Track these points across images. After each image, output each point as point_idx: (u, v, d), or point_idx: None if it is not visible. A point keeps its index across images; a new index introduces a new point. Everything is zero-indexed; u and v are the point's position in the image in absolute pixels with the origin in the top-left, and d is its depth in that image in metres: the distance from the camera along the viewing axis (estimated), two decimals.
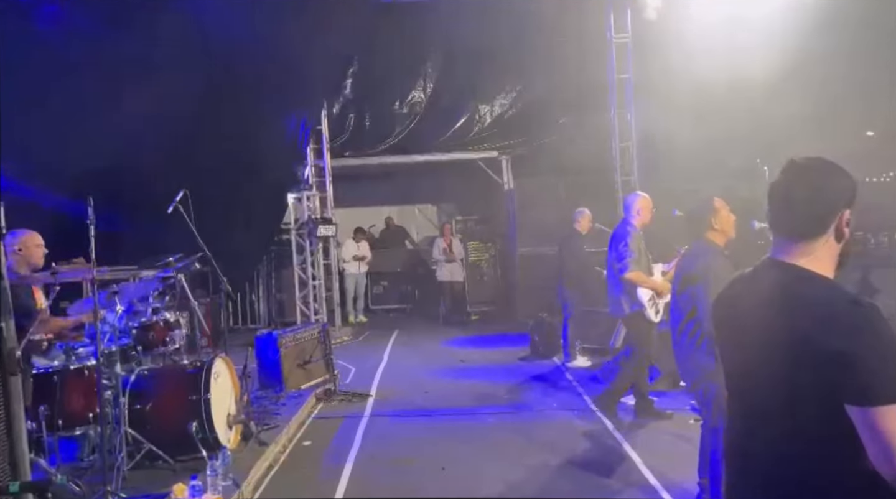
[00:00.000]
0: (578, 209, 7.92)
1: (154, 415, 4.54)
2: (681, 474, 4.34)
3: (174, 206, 5.25)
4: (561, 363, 7.82)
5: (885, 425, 1.45)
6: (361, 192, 13.04)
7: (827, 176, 1.68)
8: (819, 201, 1.66)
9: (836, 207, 1.66)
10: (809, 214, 1.67)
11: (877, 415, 1.46)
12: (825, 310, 1.56)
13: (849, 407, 1.49)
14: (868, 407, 1.47)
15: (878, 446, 1.46)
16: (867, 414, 1.47)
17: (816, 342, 1.52)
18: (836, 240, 1.67)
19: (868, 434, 1.47)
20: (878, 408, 1.46)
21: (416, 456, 5.08)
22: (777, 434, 1.64)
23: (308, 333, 7.05)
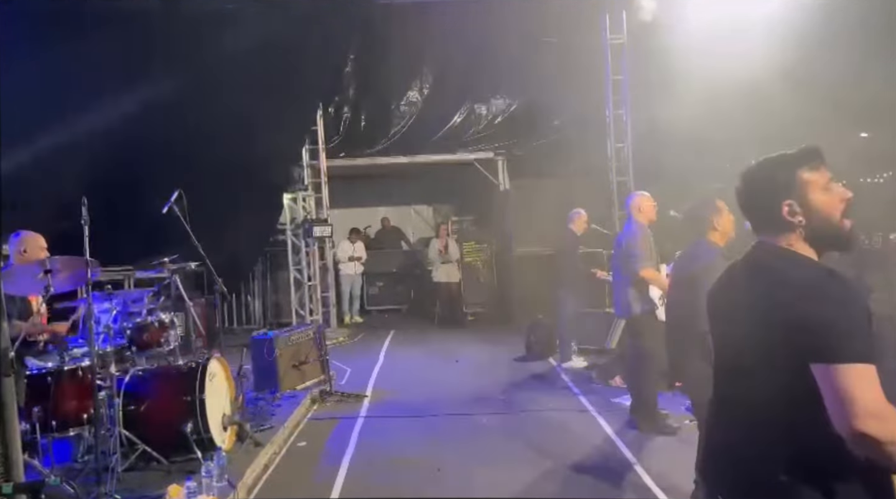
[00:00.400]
0: (574, 210, 7.93)
1: (149, 416, 4.52)
2: (677, 475, 4.35)
3: (169, 206, 5.22)
4: (557, 364, 7.82)
5: (843, 382, 1.51)
6: (357, 192, 13.03)
7: (764, 174, 1.80)
8: (757, 203, 1.81)
9: (775, 201, 1.75)
10: (759, 214, 1.82)
11: (837, 372, 1.52)
12: (800, 279, 1.65)
13: (813, 366, 1.55)
14: (829, 364, 1.53)
15: (835, 403, 1.51)
16: (828, 371, 1.53)
17: (790, 308, 1.60)
18: (790, 230, 1.75)
19: (828, 392, 1.53)
20: (839, 365, 1.52)
21: (411, 457, 5.08)
22: (753, 402, 1.70)
23: (303, 334, 7.04)
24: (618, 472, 4.59)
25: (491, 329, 10.59)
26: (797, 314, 1.58)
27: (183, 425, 4.44)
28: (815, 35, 8.34)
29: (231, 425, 4.91)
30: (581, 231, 7.82)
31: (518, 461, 4.85)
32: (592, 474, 4.58)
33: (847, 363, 1.52)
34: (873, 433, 1.47)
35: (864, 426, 1.48)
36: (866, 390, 1.50)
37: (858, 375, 1.51)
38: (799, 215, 1.73)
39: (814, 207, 1.73)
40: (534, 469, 4.67)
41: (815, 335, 1.56)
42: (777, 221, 1.76)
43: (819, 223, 1.73)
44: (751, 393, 1.71)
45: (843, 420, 1.50)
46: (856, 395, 1.50)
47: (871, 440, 1.48)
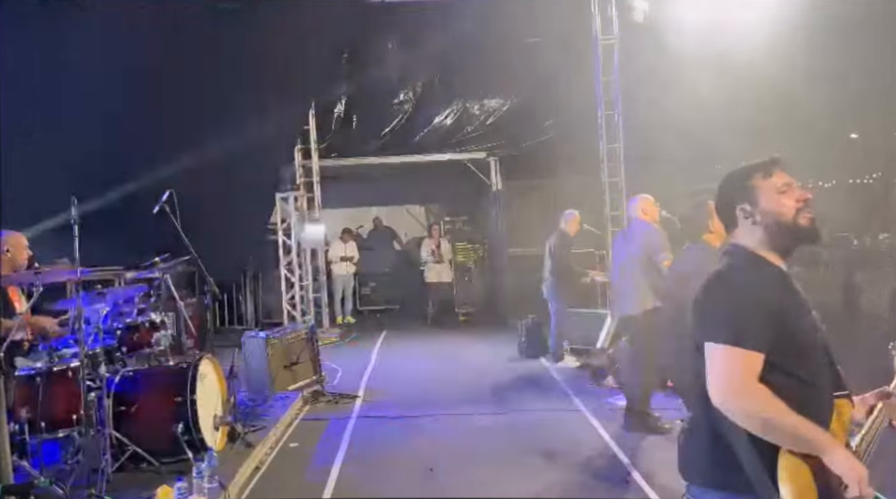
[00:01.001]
0: (568, 211, 7.94)
1: (139, 417, 4.49)
2: (668, 475, 4.36)
3: (160, 206, 5.19)
4: (548, 364, 7.83)
5: (720, 361, 1.76)
6: (349, 192, 13.01)
7: (725, 183, 2.02)
8: (723, 205, 2.03)
9: (728, 204, 1.98)
10: (723, 218, 2.04)
11: (717, 352, 1.77)
12: (712, 275, 1.90)
13: (705, 344, 1.80)
14: (710, 343, 1.79)
15: (712, 378, 1.76)
16: (711, 350, 1.78)
17: (700, 292, 1.89)
18: (747, 231, 1.95)
19: (709, 369, 1.78)
20: (712, 345, 1.77)
21: (403, 457, 5.07)
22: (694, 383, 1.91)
23: (295, 335, 7.01)
24: (610, 472, 4.60)
25: (483, 329, 10.60)
26: (700, 298, 1.87)
27: (173, 426, 4.41)
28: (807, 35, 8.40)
29: (222, 425, 4.88)
30: (574, 232, 7.84)
31: (510, 461, 4.85)
32: (585, 474, 4.59)
33: (724, 345, 1.75)
34: (738, 408, 1.72)
35: (728, 401, 1.73)
36: (737, 369, 1.73)
37: (732, 356, 1.74)
38: (752, 217, 1.93)
39: (766, 210, 1.92)
40: (526, 469, 4.68)
41: (703, 317, 1.85)
42: (735, 224, 1.98)
43: (773, 222, 1.91)
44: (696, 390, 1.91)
45: (714, 394, 1.75)
46: (725, 373, 1.74)
47: (734, 414, 1.72)
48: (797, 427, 1.69)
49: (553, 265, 7.79)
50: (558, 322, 7.77)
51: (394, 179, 13.25)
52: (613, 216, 9.80)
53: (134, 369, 4.80)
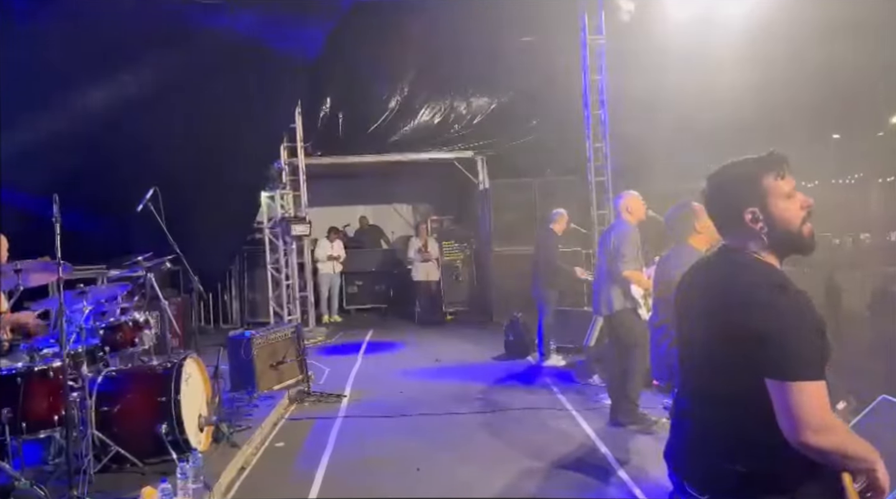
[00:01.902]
0: (555, 210, 7.95)
1: (122, 417, 4.44)
2: (654, 472, 4.39)
3: (144, 204, 5.14)
4: (535, 362, 7.85)
5: (793, 399, 1.64)
6: (336, 191, 12.96)
7: (729, 179, 1.86)
8: (721, 207, 1.88)
9: (738, 207, 1.82)
10: (722, 218, 1.88)
11: (787, 389, 1.65)
12: (750, 290, 1.73)
13: (768, 381, 1.67)
14: (781, 381, 1.65)
15: (785, 417, 1.65)
16: (780, 387, 1.66)
17: (743, 321, 1.69)
18: (752, 237, 1.82)
19: (779, 406, 1.66)
20: (789, 383, 1.64)
21: (390, 457, 5.06)
22: (717, 399, 1.82)
23: (281, 334, 6.97)
24: (597, 470, 4.61)
25: (470, 328, 10.60)
26: (752, 329, 1.67)
27: (157, 426, 4.36)
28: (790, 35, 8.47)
29: (207, 425, 4.84)
30: (561, 231, 7.86)
31: (497, 460, 4.86)
32: (571, 472, 4.60)
33: (796, 381, 1.64)
34: (817, 445, 1.64)
35: (809, 439, 1.63)
36: (813, 406, 1.64)
37: (806, 392, 1.64)
38: (761, 223, 1.80)
39: (775, 216, 1.79)
40: (513, 468, 4.68)
41: (769, 352, 1.66)
42: (739, 227, 1.82)
43: (780, 231, 1.80)
44: (714, 390, 1.82)
45: (791, 432, 1.65)
46: (803, 411, 1.63)
47: (816, 451, 1.65)
48: (862, 452, 1.69)
49: (540, 264, 7.80)
50: (545, 321, 7.78)
51: (381, 178, 13.22)
52: (600, 215, 9.84)
53: (117, 369, 4.75)
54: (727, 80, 8.65)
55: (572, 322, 8.19)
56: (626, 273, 5.23)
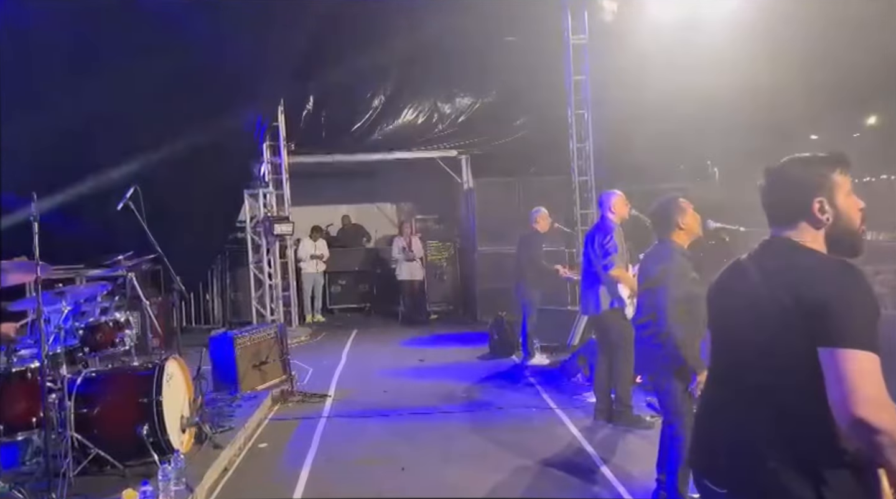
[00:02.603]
0: (536, 208, 7.97)
1: (102, 419, 4.37)
2: (639, 470, 4.41)
3: (124, 203, 5.06)
4: (520, 361, 7.86)
5: (849, 367, 1.55)
6: (319, 190, 12.89)
7: (797, 170, 1.85)
8: (786, 197, 1.85)
9: (804, 195, 1.80)
10: (786, 208, 1.85)
11: (844, 356, 1.56)
12: (814, 267, 1.72)
13: (821, 350, 1.60)
14: (837, 347, 1.58)
15: (838, 387, 1.56)
16: (835, 354, 1.58)
17: (808, 292, 1.65)
18: (814, 227, 1.81)
19: (832, 376, 1.57)
20: (847, 350, 1.56)
21: (374, 457, 5.04)
22: (757, 391, 1.76)
23: (264, 334, 6.92)
24: (581, 468, 4.62)
25: (454, 327, 10.60)
26: (814, 297, 1.63)
27: (138, 427, 4.30)
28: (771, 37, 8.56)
29: (189, 427, 4.79)
30: (544, 229, 7.86)
31: (482, 459, 4.86)
32: (556, 471, 4.60)
33: (855, 349, 1.56)
34: (871, 420, 1.51)
35: (863, 412, 1.52)
36: (869, 377, 1.55)
37: (864, 361, 1.56)
38: (828, 214, 1.79)
39: (840, 209, 1.80)
40: (498, 467, 4.68)
41: (829, 318, 1.60)
42: (804, 217, 1.81)
43: (843, 225, 1.80)
44: (755, 382, 1.77)
45: (843, 404, 1.54)
46: (859, 381, 1.54)
47: (868, 427, 1.52)
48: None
49: (524, 263, 7.81)
50: (529, 320, 7.80)
51: (364, 177, 13.17)
52: (583, 214, 9.89)
53: (97, 370, 4.69)
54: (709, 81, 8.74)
55: (556, 321, 8.21)
56: (614, 272, 5.25)
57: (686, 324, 3.51)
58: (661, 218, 3.77)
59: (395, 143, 11.41)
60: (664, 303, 3.52)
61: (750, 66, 8.67)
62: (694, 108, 9.22)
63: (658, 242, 3.81)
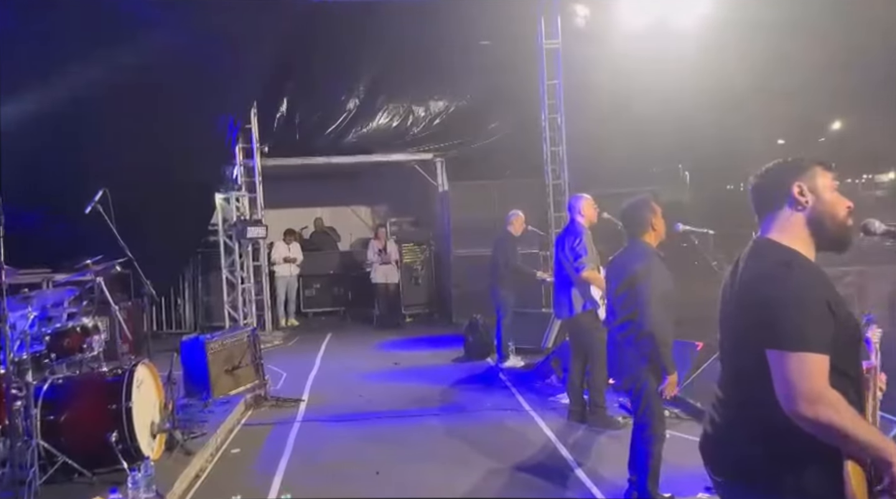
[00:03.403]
0: (511, 211, 8.02)
1: (70, 426, 4.29)
2: (611, 471, 4.46)
3: (92, 206, 4.97)
4: (495, 364, 7.89)
5: (789, 367, 1.68)
6: (293, 192, 12.79)
7: (778, 163, 1.95)
8: (770, 180, 1.94)
9: (785, 179, 1.90)
10: (765, 193, 1.95)
11: (782, 358, 1.69)
12: (761, 267, 1.82)
13: (768, 352, 1.72)
14: (777, 350, 1.70)
15: (780, 387, 1.69)
16: (776, 357, 1.71)
17: (753, 294, 1.79)
18: (795, 209, 1.88)
19: (777, 376, 1.70)
20: (784, 353, 1.69)
21: (349, 461, 5.01)
22: (736, 385, 1.91)
23: (237, 338, 6.84)
24: (555, 470, 4.66)
25: (429, 330, 10.60)
26: (757, 300, 1.77)
27: (107, 434, 4.23)
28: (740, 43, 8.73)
29: (160, 433, 4.72)
30: (519, 232, 7.91)
31: (457, 462, 4.86)
32: (531, 473, 4.63)
33: (791, 351, 1.68)
34: (809, 416, 1.65)
35: (801, 409, 1.66)
36: (808, 375, 1.66)
37: (801, 361, 1.67)
38: (808, 196, 1.86)
39: (821, 196, 1.87)
40: (473, 469, 4.69)
41: (768, 322, 1.72)
42: (785, 201, 1.88)
43: (825, 212, 1.86)
44: (732, 375, 1.92)
45: (785, 402, 1.68)
46: (795, 380, 1.66)
47: (806, 421, 1.66)
48: (868, 435, 1.68)
49: (499, 266, 7.84)
50: (504, 322, 7.84)
51: (339, 180, 13.12)
52: (557, 217, 9.98)
53: (64, 376, 4.60)
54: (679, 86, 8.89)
55: (530, 323, 8.26)
56: (585, 274, 5.30)
57: (663, 323, 3.57)
58: (634, 218, 3.82)
59: (369, 145, 11.38)
60: (644, 301, 3.56)
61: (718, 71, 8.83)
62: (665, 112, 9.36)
63: (630, 242, 3.86)
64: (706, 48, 8.55)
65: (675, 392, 3.80)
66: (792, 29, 8.64)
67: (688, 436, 5.01)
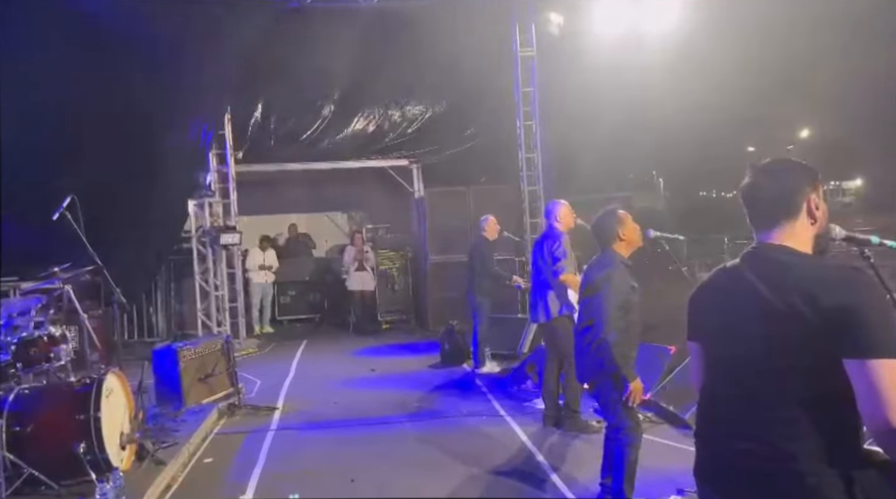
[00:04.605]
0: (483, 216, 8.05)
1: (36, 437, 4.19)
2: (584, 475, 4.49)
3: (60, 212, 4.88)
4: (471, 370, 7.90)
5: (881, 377, 1.53)
6: (268, 199, 12.70)
7: (786, 169, 1.86)
8: (781, 191, 1.83)
9: (801, 189, 1.82)
10: (775, 204, 1.83)
11: (874, 367, 1.54)
12: (825, 272, 1.68)
13: (847, 361, 1.57)
14: (867, 359, 1.55)
15: (869, 398, 1.54)
16: (863, 366, 1.55)
17: (818, 301, 1.61)
18: (811, 221, 1.82)
19: (862, 387, 1.55)
20: (875, 360, 1.54)
21: (324, 469, 4.97)
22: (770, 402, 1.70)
23: (210, 346, 6.76)
24: (531, 475, 4.67)
25: (406, 336, 10.57)
26: (835, 306, 1.59)
27: (75, 445, 4.14)
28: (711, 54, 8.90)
29: (130, 443, 4.64)
30: (493, 237, 7.94)
31: (433, 469, 4.85)
32: (506, 478, 4.64)
33: (883, 358, 1.54)
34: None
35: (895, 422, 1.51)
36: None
37: (893, 369, 1.54)
38: (818, 211, 1.83)
39: (823, 211, 1.85)
40: (449, 476, 4.68)
41: (854, 328, 1.57)
42: (793, 216, 1.80)
43: (823, 225, 1.86)
44: (774, 395, 1.70)
45: (876, 414, 1.53)
46: (891, 391, 1.53)
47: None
48: None
49: (475, 271, 7.86)
50: (480, 328, 7.85)
51: (314, 186, 13.06)
52: (533, 223, 10.04)
53: (30, 386, 4.49)
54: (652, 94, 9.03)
55: (506, 329, 8.29)
56: (563, 277, 5.34)
57: (621, 331, 3.62)
58: (602, 230, 3.88)
59: (345, 151, 11.34)
60: (602, 308, 3.62)
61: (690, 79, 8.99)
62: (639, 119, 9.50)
63: (601, 252, 3.91)
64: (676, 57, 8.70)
65: (644, 397, 3.84)
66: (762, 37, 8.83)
67: (661, 439, 5.07)
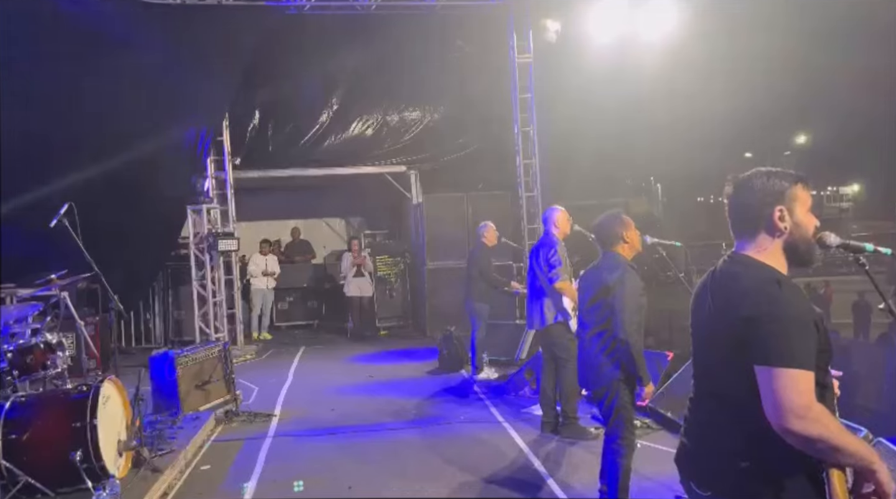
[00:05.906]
0: (483, 223, 8.05)
1: (33, 445, 4.18)
2: (583, 481, 4.48)
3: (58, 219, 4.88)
4: (469, 376, 7.89)
5: (779, 383, 1.71)
6: (266, 205, 12.70)
7: (757, 181, 1.95)
8: (748, 203, 1.94)
9: (763, 205, 1.91)
10: (743, 215, 1.96)
11: (771, 375, 1.72)
12: (748, 283, 1.84)
13: (756, 368, 1.76)
14: (765, 366, 1.73)
15: (771, 401, 1.72)
16: (764, 373, 1.74)
17: (735, 309, 1.81)
18: (771, 235, 1.92)
19: (765, 391, 1.73)
20: (773, 369, 1.72)
21: (321, 476, 4.96)
22: (717, 396, 1.93)
23: (207, 352, 6.74)
24: (528, 482, 4.66)
25: (404, 342, 10.56)
26: (747, 315, 1.78)
27: (71, 453, 4.13)
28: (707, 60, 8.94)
29: (127, 450, 4.62)
30: (492, 243, 7.94)
31: (431, 476, 4.84)
32: (503, 485, 4.63)
33: (781, 367, 1.71)
34: (800, 432, 1.69)
35: (791, 425, 1.69)
36: (797, 391, 1.70)
37: (791, 378, 1.70)
38: (787, 222, 1.90)
39: (798, 221, 1.91)
40: (447, 483, 4.67)
41: (757, 339, 1.75)
42: (764, 224, 1.91)
43: (798, 235, 1.92)
44: (718, 390, 1.92)
45: (774, 418, 1.71)
46: (785, 396, 1.69)
47: (800, 438, 1.70)
48: (854, 445, 1.73)
49: (473, 277, 7.86)
50: (478, 334, 7.84)
51: (312, 192, 13.05)
52: (531, 229, 10.05)
53: (27, 394, 4.48)
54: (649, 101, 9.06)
55: (504, 335, 8.29)
56: (558, 284, 5.35)
57: (637, 332, 3.62)
58: (606, 232, 3.88)
59: (343, 157, 11.35)
60: (620, 310, 3.60)
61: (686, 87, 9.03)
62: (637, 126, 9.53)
63: (603, 254, 3.91)
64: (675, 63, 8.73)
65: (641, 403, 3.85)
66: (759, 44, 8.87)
67: (659, 446, 5.06)
